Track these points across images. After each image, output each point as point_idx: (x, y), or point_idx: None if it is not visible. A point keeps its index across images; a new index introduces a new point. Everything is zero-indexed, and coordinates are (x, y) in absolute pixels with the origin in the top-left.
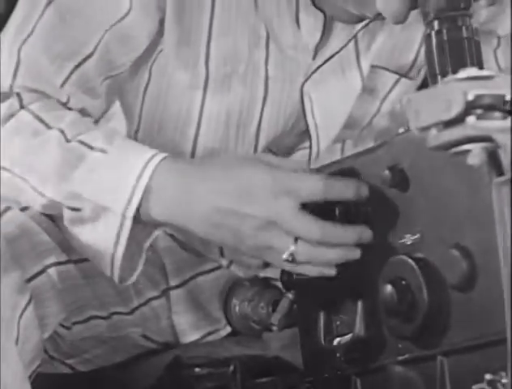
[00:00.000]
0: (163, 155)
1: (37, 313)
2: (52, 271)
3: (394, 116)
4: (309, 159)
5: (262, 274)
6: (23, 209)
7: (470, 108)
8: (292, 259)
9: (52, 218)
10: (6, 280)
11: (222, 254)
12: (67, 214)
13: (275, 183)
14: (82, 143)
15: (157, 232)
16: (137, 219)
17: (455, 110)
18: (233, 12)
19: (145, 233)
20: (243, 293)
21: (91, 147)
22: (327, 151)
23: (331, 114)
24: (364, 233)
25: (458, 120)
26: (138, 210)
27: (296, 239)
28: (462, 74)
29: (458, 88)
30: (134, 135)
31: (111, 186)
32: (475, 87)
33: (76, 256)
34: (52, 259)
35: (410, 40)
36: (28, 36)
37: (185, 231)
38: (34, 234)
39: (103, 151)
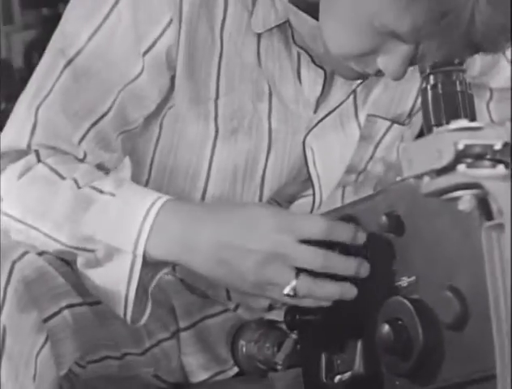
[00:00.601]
0: (167, 197)
1: (54, 351)
2: (67, 312)
3: (387, 162)
4: (313, 206)
5: (267, 316)
6: (41, 253)
7: (460, 157)
8: (294, 294)
9: (67, 262)
10: (24, 320)
11: (229, 298)
12: (81, 257)
13: (278, 220)
14: (92, 188)
15: (160, 275)
16: (144, 260)
17: (446, 159)
18: (238, 70)
19: (150, 276)
20: (249, 335)
21: (101, 192)
22: (328, 197)
23: (332, 164)
24: (363, 266)
25: (449, 168)
26: (145, 249)
27: (298, 274)
28: (453, 125)
29: (449, 138)
30: (144, 185)
31: (120, 227)
32: (465, 137)
33: (91, 299)
34: (67, 301)
35: (406, 91)
36: (46, 96)
37: (190, 269)
38: (50, 277)
39: (112, 194)
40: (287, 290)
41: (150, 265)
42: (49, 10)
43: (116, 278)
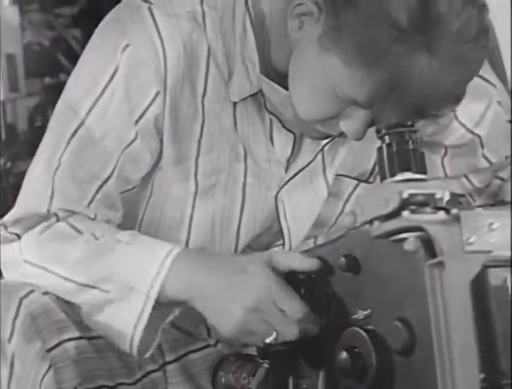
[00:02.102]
0: (181, 247)
1: (56, 378)
2: (68, 344)
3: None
4: None
5: (243, 350)
6: (45, 293)
7: (405, 204)
8: (274, 342)
9: (68, 301)
10: (30, 349)
11: (209, 335)
12: (95, 297)
13: (269, 285)
14: (110, 237)
15: (172, 316)
16: (157, 302)
17: (392, 206)
18: (217, 133)
19: (162, 316)
20: (228, 367)
21: (118, 241)
22: (302, 246)
23: (301, 217)
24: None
25: (395, 214)
26: (159, 292)
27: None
28: (399, 177)
29: (395, 188)
30: None
31: (138, 270)
32: (410, 187)
33: (89, 333)
34: (68, 335)
35: (368, 151)
36: (56, 168)
37: (194, 309)
38: (53, 313)
39: (128, 243)
40: (268, 340)
41: (161, 307)
42: (50, 79)
43: (126, 316)
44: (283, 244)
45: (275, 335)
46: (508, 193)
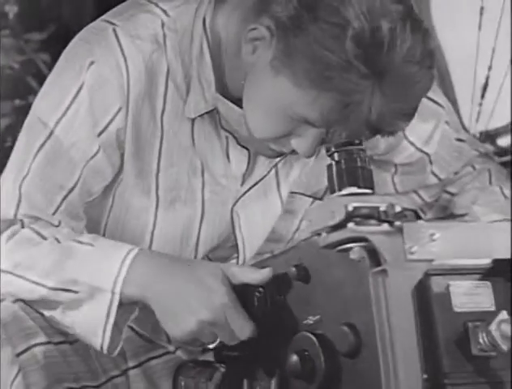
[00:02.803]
0: (140, 248)
1: (24, 381)
2: (36, 349)
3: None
4: (237, 262)
5: (201, 357)
6: (15, 301)
7: (350, 216)
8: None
9: (36, 310)
10: (1, 354)
11: (169, 341)
12: (66, 298)
13: (220, 295)
14: (73, 240)
15: (133, 317)
16: (120, 300)
17: (338, 218)
18: (176, 149)
19: (124, 318)
20: (187, 372)
21: (80, 243)
22: (256, 258)
23: (255, 230)
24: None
25: (341, 225)
26: (122, 290)
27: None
28: (344, 191)
29: (341, 202)
30: None
31: (101, 270)
32: (355, 201)
33: (56, 339)
34: (36, 340)
35: (322, 171)
36: (25, 177)
37: (151, 309)
38: (22, 320)
39: (91, 244)
40: (211, 346)
41: (124, 306)
42: (20, 101)
43: (96, 315)
44: (238, 255)
45: (217, 342)
46: (456, 206)
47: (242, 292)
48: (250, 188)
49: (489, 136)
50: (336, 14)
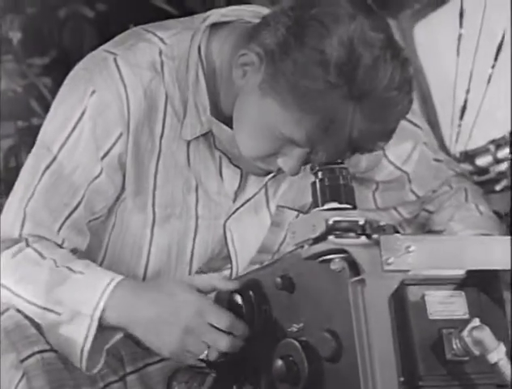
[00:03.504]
0: (121, 277)
1: (28, 385)
2: (38, 356)
3: None
4: (230, 276)
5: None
6: (18, 311)
7: (330, 229)
8: (206, 359)
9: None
10: (5, 359)
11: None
12: (50, 319)
13: (197, 307)
14: (67, 268)
15: (114, 340)
16: (100, 326)
17: (319, 231)
18: (172, 168)
19: (105, 338)
20: (181, 377)
21: (73, 271)
22: (248, 269)
23: (247, 243)
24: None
25: (322, 238)
26: (101, 316)
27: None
28: (326, 206)
29: (321, 216)
30: (101, 261)
31: (84, 297)
32: (335, 215)
33: None
34: (38, 348)
35: (308, 187)
36: (30, 198)
37: (133, 334)
38: (26, 328)
39: (81, 273)
40: (202, 356)
41: (105, 329)
42: (23, 123)
43: (75, 337)
44: (231, 267)
45: (206, 351)
46: (435, 223)
47: (229, 303)
48: (242, 205)
49: (469, 156)
50: (321, 41)
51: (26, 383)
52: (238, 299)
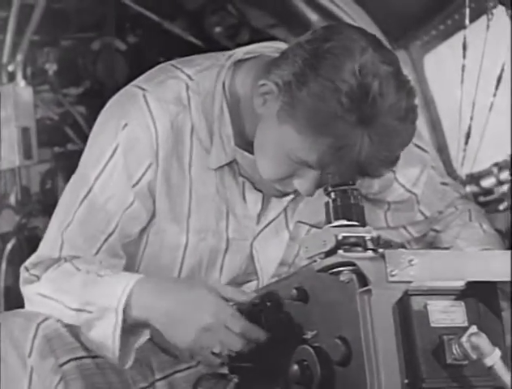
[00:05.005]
0: (141, 275)
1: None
2: (75, 362)
3: None
4: (257, 287)
5: (219, 370)
6: (58, 320)
7: (339, 244)
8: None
9: (75, 327)
10: (45, 364)
11: (192, 358)
12: (84, 318)
13: (216, 305)
14: (96, 274)
15: (141, 339)
16: (125, 321)
17: (329, 246)
18: (203, 196)
19: (133, 334)
20: (205, 383)
21: (101, 276)
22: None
23: (270, 261)
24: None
25: (332, 252)
26: (125, 309)
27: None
28: (335, 223)
29: (331, 232)
30: None
31: (109, 294)
32: (344, 231)
33: (92, 354)
34: (75, 354)
35: (322, 204)
36: (69, 224)
37: (154, 328)
38: (64, 336)
39: (108, 275)
40: (215, 350)
41: (131, 328)
42: (59, 149)
43: (106, 332)
44: (258, 280)
45: (219, 347)
46: (442, 241)
47: (250, 312)
48: (266, 226)
49: (474, 178)
50: (335, 72)
51: (64, 386)
52: (258, 309)
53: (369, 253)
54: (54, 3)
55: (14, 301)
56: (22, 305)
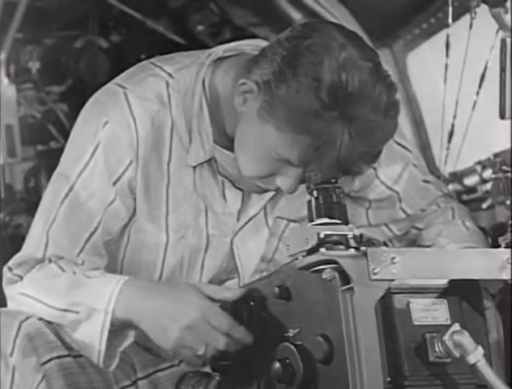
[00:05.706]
0: (129, 277)
1: (47, 387)
2: (57, 360)
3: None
4: (238, 285)
5: (201, 369)
6: (40, 319)
7: (322, 242)
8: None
9: (57, 326)
10: (27, 363)
11: (174, 356)
12: (70, 318)
13: (201, 307)
14: (84, 275)
15: (127, 341)
16: (112, 322)
17: (311, 243)
18: (181, 194)
19: (119, 340)
20: (188, 381)
21: (89, 277)
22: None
23: (251, 257)
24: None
25: (314, 250)
26: (113, 308)
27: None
28: (317, 221)
29: (313, 230)
30: None
31: (98, 295)
32: (326, 229)
33: (74, 352)
34: (57, 353)
35: (303, 201)
36: (52, 223)
37: (141, 329)
38: (46, 335)
39: (95, 277)
40: (200, 352)
41: (117, 328)
42: (42, 147)
43: (93, 332)
44: (238, 278)
45: (203, 348)
46: (424, 239)
47: (233, 311)
48: (246, 223)
49: (457, 176)
50: (313, 69)
51: (45, 386)
52: (240, 307)
53: (352, 251)
54: (37, 1)
55: None
56: (5, 305)
